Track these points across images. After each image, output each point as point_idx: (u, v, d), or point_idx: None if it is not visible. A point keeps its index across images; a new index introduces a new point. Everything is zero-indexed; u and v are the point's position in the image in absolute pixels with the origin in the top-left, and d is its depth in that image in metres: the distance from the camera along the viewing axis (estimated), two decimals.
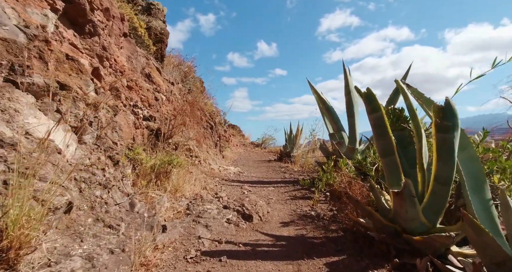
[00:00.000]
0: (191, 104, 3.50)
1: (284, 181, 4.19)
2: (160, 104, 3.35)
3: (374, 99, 1.71)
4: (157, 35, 6.50)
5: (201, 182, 3.21)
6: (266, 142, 12.84)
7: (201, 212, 2.08)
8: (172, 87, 4.07)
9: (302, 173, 5.16)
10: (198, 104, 5.09)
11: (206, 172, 4.05)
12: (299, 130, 7.37)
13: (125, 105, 2.51)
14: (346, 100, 3.95)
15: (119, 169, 1.87)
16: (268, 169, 5.83)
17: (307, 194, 3.30)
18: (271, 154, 9.76)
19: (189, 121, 4.10)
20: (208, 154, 4.67)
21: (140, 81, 3.04)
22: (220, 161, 5.44)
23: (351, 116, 3.92)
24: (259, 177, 4.58)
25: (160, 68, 4.00)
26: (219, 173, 4.35)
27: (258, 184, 3.91)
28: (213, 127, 5.43)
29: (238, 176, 4.52)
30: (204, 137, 4.75)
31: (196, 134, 4.29)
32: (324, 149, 4.20)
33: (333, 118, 4.16)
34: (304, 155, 6.33)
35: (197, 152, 4.06)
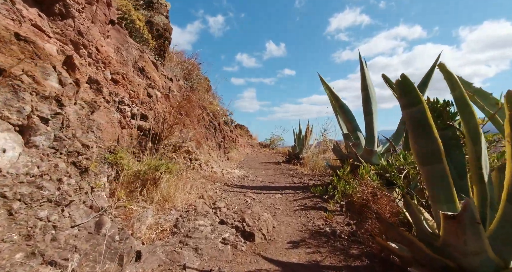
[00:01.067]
0: (190, 100, 3.13)
1: (293, 187, 3.77)
2: (155, 101, 3.00)
3: (412, 89, 1.28)
4: (159, 30, 6.19)
5: (198, 189, 2.83)
6: (274, 143, 12.42)
7: (192, 229, 1.70)
8: (170, 84, 3.72)
9: (312, 176, 4.72)
10: (199, 102, 4.73)
11: (206, 176, 3.67)
12: (308, 130, 6.93)
13: (109, 102, 2.16)
14: (362, 97, 3.50)
15: (88, 178, 1.51)
16: (275, 172, 5.42)
17: (319, 203, 2.87)
18: (279, 155, 9.33)
19: (188, 120, 3.74)
20: (210, 156, 4.30)
21: (130, 75, 2.69)
22: (224, 163, 5.06)
23: (369, 115, 3.46)
24: (265, 182, 4.18)
25: (157, 62, 3.66)
26: (221, 177, 3.97)
27: (264, 190, 3.50)
28: (216, 128, 5.07)
29: (243, 180, 4.13)
30: (206, 138, 4.38)
31: (196, 134, 3.92)
32: (338, 151, 3.76)
33: (347, 117, 3.71)
34: (314, 157, 5.89)
35: (197, 154, 3.70)
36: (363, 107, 3.51)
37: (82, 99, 1.83)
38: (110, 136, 2.09)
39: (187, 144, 3.47)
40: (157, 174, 2.05)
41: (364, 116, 3.53)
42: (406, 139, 2.67)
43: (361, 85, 3.51)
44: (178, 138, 3.42)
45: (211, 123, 4.96)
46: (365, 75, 3.45)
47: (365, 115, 3.49)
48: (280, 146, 12.35)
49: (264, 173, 5.15)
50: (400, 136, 3.37)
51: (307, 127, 6.99)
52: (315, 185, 3.84)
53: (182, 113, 3.62)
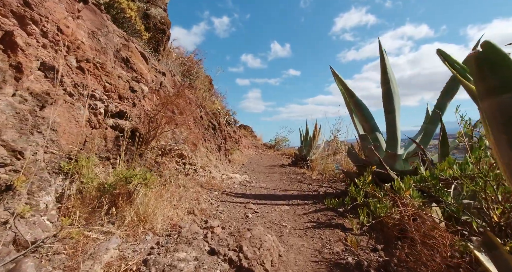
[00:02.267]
0: (183, 96, 2.66)
1: (301, 196, 3.28)
2: (140, 97, 2.54)
3: (506, 63, 0.79)
4: (156, 24, 5.76)
5: (190, 200, 2.36)
6: (279, 144, 11.93)
7: (167, 268, 1.23)
8: (162, 78, 3.27)
9: (322, 182, 4.22)
10: (197, 100, 4.26)
11: (203, 184, 3.21)
12: (316, 130, 6.42)
13: (72, 95, 1.71)
14: (383, 92, 2.99)
15: (12, 199, 1.05)
16: (281, 176, 4.93)
17: (334, 219, 2.38)
18: (285, 157, 8.83)
19: (182, 119, 3.28)
20: (208, 160, 3.84)
21: (109, 65, 2.24)
22: (224, 167, 4.60)
23: (390, 112, 2.95)
24: (269, 189, 3.69)
25: (147, 54, 3.21)
26: (220, 184, 3.50)
27: (268, 200, 3.02)
28: (216, 128, 4.61)
29: (244, 187, 3.65)
30: (204, 139, 3.92)
31: (191, 135, 3.46)
32: (354, 155, 3.25)
33: (364, 115, 3.20)
34: (323, 160, 5.38)
35: (192, 158, 3.23)
36: (383, 104, 3.00)
37: (27, 89, 1.38)
38: (72, 138, 1.64)
39: (180, 147, 3.01)
40: (130, 187, 1.58)
41: (385, 114, 3.02)
42: (443, 143, 2.16)
43: (381, 79, 3.01)
44: (169, 140, 2.96)
45: (210, 123, 4.50)
46: (386, 67, 2.94)
47: (386, 113, 2.98)
48: (285, 147, 11.86)
49: (269, 178, 4.67)
50: (429, 137, 2.85)
51: (314, 127, 6.49)
52: (326, 193, 3.34)
53: (175, 111, 3.16)
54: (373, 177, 2.37)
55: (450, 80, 2.63)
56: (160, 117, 2.48)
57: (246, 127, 15.40)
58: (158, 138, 2.74)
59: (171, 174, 2.71)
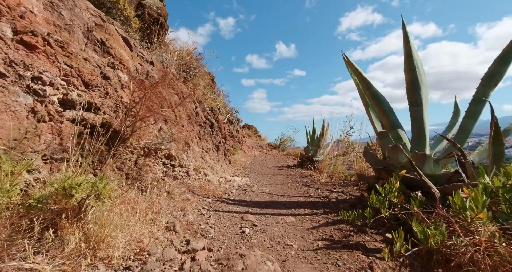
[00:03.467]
0: (172, 87, 2.21)
1: (309, 203, 2.80)
2: (116, 86, 2.11)
3: None
4: (151, 15, 5.35)
5: (173, 211, 1.92)
6: (284, 144, 11.43)
7: None
8: (149, 68, 2.84)
9: (332, 186, 3.73)
10: (189, 92, 3.80)
11: (195, 189, 2.76)
12: (324, 129, 5.92)
13: (4, 76, 1.28)
14: (407, 81, 2.50)
15: None
16: (286, 178, 4.45)
17: (351, 235, 1.89)
18: (290, 158, 8.35)
19: (174, 115, 2.84)
20: (203, 161, 3.39)
21: (74, 45, 1.81)
22: (223, 169, 4.14)
23: (416, 105, 2.45)
24: (272, 194, 3.22)
25: (132, 41, 2.78)
26: (216, 188, 3.05)
27: (271, 208, 2.55)
28: (213, 125, 4.15)
29: (244, 192, 3.19)
30: (199, 138, 3.48)
31: (182, 133, 3.01)
32: (372, 156, 2.75)
33: (383, 109, 2.71)
34: (332, 161, 4.88)
35: (183, 159, 2.79)
36: (408, 95, 2.51)
37: None
38: (2, 133, 1.20)
39: (167, 146, 2.57)
40: (72, 201, 1.13)
41: (409, 107, 2.52)
42: (495, 140, 1.66)
43: (405, 65, 2.51)
44: (155, 138, 2.52)
45: (208, 120, 4.05)
46: (411, 51, 2.45)
47: (412, 106, 2.49)
48: (290, 147, 11.36)
49: (272, 181, 4.20)
50: (467, 134, 2.35)
51: (322, 125, 5.98)
52: (338, 200, 2.86)
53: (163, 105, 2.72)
54: (400, 183, 1.89)
55: (496, 63, 2.11)
56: (139, 109, 2.04)
57: (251, 127, 14.95)
58: (141, 135, 2.30)
59: (155, 178, 2.27)
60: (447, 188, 1.76)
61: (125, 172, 1.96)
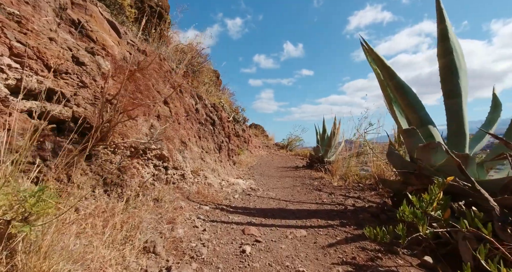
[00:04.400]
0: (145, 70, 1.86)
1: (323, 211, 2.41)
2: (95, 74, 1.78)
3: None
4: (152, 7, 5.04)
5: (158, 225, 1.57)
6: (292, 143, 11.02)
7: None
8: (140, 58, 2.51)
9: (346, 190, 3.33)
10: (188, 87, 3.42)
11: (191, 194, 2.41)
12: (336, 127, 5.49)
13: None
14: (441, 67, 2.08)
15: None
16: (294, 181, 4.06)
17: (379, 257, 1.49)
18: (299, 158, 7.94)
19: (168, 110, 2.51)
20: (203, 162, 3.04)
21: (38, 23, 1.49)
22: (226, 170, 3.79)
23: (454, 96, 2.03)
24: (280, 199, 2.84)
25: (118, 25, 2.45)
26: (216, 193, 2.70)
27: (278, 219, 2.18)
28: (216, 123, 3.80)
29: (247, 198, 2.82)
30: (199, 136, 3.14)
31: (178, 130, 2.67)
32: (397, 157, 2.33)
33: (410, 103, 2.29)
34: (345, 162, 4.45)
35: (178, 160, 2.45)
36: (442, 85, 2.09)
37: None
38: None
39: (159, 145, 2.23)
40: None
41: (444, 100, 2.10)
42: None
43: (438, 48, 2.09)
44: (145, 136, 2.19)
45: (209, 117, 3.70)
46: (447, 31, 2.03)
47: (447, 97, 2.06)
48: (299, 147, 10.94)
49: (280, 184, 3.81)
50: None
51: (333, 124, 5.56)
52: (356, 208, 2.45)
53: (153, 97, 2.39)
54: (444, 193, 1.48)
55: None
56: (119, 101, 1.70)
57: (258, 127, 14.59)
58: (126, 133, 1.97)
59: (142, 183, 1.93)
60: (507, 199, 1.35)
61: (103, 176, 1.62)
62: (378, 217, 2.14)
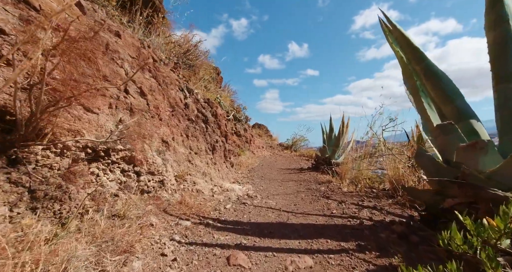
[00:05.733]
0: (91, 39, 1.39)
1: (332, 227, 1.91)
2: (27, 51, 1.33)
3: None
4: None
5: (102, 258, 1.10)
6: (297, 144, 10.49)
7: None
8: (109, 39, 2.06)
9: (359, 197, 2.82)
10: (175, 78, 2.90)
11: (170, 205, 1.95)
12: (344, 126, 4.97)
13: None
14: (491, 43, 1.56)
15: None
16: (298, 186, 3.57)
17: None
18: (303, 159, 7.43)
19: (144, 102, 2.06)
20: (191, 165, 2.58)
21: None
22: (221, 174, 3.32)
23: (510, 80, 1.52)
24: (280, 210, 2.36)
25: None
26: (204, 203, 2.23)
27: (276, 239, 1.69)
28: (208, 120, 3.32)
29: (242, 208, 2.34)
30: (186, 135, 2.67)
31: (159, 127, 2.21)
32: (430, 161, 1.81)
33: (444, 90, 1.78)
34: (356, 164, 3.93)
35: (155, 163, 1.98)
36: (493, 66, 1.57)
37: None
38: None
39: (129, 146, 1.77)
40: None
41: (495, 85, 1.58)
42: None
43: (487, 20, 1.58)
44: (109, 133, 1.73)
45: (201, 114, 3.23)
46: None
47: (500, 81, 1.55)
48: (304, 147, 10.41)
49: (281, 189, 3.33)
50: None
51: (341, 122, 5.03)
52: (372, 221, 1.95)
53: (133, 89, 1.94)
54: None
55: None
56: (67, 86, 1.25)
57: (261, 126, 14.11)
58: (78, 129, 1.52)
59: (98, 195, 1.47)
60: None
61: (30, 188, 1.16)
62: (407, 238, 1.64)
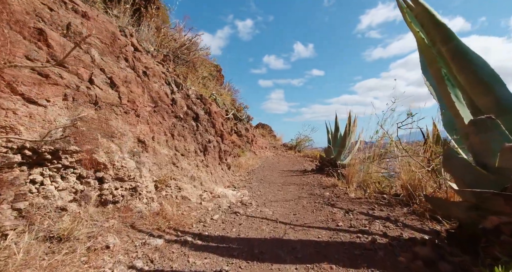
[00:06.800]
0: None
1: (339, 244, 1.55)
2: None
3: None
4: None
5: None
6: (301, 144, 10.09)
7: None
8: (71, 19, 1.74)
9: (368, 205, 2.44)
10: (160, 70, 2.53)
11: (142, 217, 1.61)
12: (351, 125, 4.57)
13: None
14: None
15: None
16: (300, 190, 3.20)
17: None
18: (307, 160, 7.04)
19: (107, 93, 1.73)
20: (175, 169, 2.24)
21: None
22: (214, 177, 2.97)
23: None
24: (277, 221, 2.00)
25: None
26: (188, 212, 1.89)
27: (267, 263, 1.34)
28: (199, 118, 2.96)
29: (232, 219, 1.99)
30: (171, 134, 2.34)
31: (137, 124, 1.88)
32: (464, 166, 1.43)
33: (476, 75, 1.41)
34: (365, 167, 3.54)
35: (124, 167, 1.65)
36: None
37: None
38: None
39: (88, 146, 1.44)
40: None
41: None
42: None
43: None
44: (61, 130, 1.41)
45: (191, 111, 2.88)
46: None
47: None
48: (308, 147, 10.00)
49: (281, 194, 2.97)
50: None
51: (347, 121, 4.63)
52: (387, 237, 1.57)
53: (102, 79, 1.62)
54: None
55: None
56: None
57: (265, 126, 13.75)
58: (12, 125, 1.20)
59: (29, 212, 1.15)
60: None
61: None
62: (435, 265, 1.26)
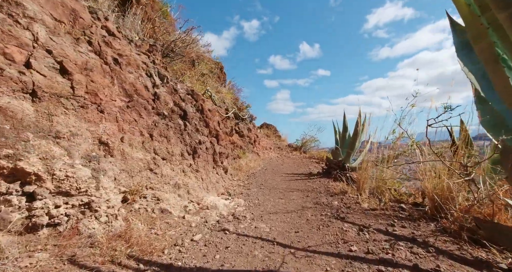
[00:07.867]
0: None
1: None
2: None
3: None
4: None
5: None
6: (307, 145, 9.61)
7: None
8: None
9: (386, 219, 1.99)
10: (140, 58, 2.16)
11: (92, 243, 1.23)
12: (360, 125, 4.11)
13: None
14: None
15: None
16: (304, 199, 2.77)
17: None
18: (313, 162, 6.58)
19: (53, 81, 1.34)
20: (154, 176, 1.86)
21: None
22: (205, 184, 2.57)
23: None
24: (274, 242, 1.58)
25: None
26: (165, 229, 1.50)
27: None
28: (188, 116, 2.56)
29: (218, 239, 1.59)
30: (150, 134, 1.95)
31: (93, 123, 1.50)
32: None
33: None
34: (378, 171, 3.07)
35: (72, 177, 1.27)
36: None
37: None
38: None
39: (6, 151, 1.05)
40: None
41: None
42: None
43: None
44: None
45: (178, 108, 2.48)
46: None
47: None
48: (314, 148, 9.52)
49: (282, 204, 2.55)
50: None
51: (357, 120, 4.16)
52: None
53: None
54: None
55: None
56: None
57: (270, 126, 13.31)
58: None
59: None
60: None
61: None
62: None
